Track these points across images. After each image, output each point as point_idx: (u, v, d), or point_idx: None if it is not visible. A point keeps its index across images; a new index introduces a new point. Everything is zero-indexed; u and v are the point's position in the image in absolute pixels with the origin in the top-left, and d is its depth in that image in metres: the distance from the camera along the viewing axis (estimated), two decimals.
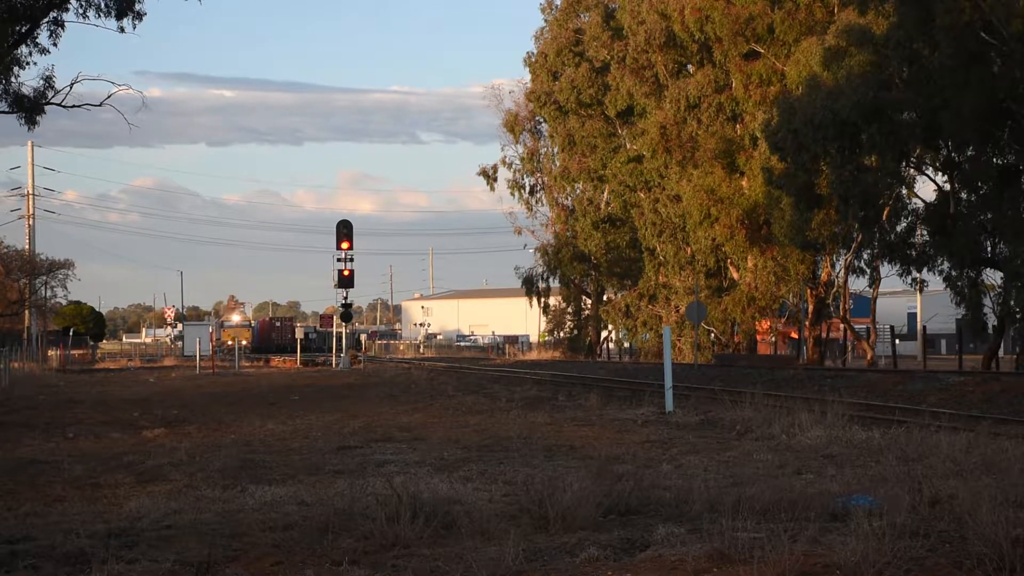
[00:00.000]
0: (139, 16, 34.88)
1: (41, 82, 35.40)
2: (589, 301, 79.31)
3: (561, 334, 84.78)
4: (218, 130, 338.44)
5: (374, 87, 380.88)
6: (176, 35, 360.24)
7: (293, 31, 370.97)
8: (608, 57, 67.33)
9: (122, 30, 34.94)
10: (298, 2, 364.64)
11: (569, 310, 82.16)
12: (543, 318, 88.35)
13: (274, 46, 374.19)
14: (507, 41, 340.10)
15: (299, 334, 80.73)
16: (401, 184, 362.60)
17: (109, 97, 37.29)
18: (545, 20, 77.31)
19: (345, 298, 67.55)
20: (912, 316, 76.07)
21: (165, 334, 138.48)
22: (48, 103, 35.62)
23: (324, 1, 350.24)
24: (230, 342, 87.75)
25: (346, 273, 65.57)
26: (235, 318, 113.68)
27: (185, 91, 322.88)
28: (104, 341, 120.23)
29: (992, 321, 42.13)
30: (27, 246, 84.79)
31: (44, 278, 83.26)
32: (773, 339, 60.68)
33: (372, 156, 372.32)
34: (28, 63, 35.18)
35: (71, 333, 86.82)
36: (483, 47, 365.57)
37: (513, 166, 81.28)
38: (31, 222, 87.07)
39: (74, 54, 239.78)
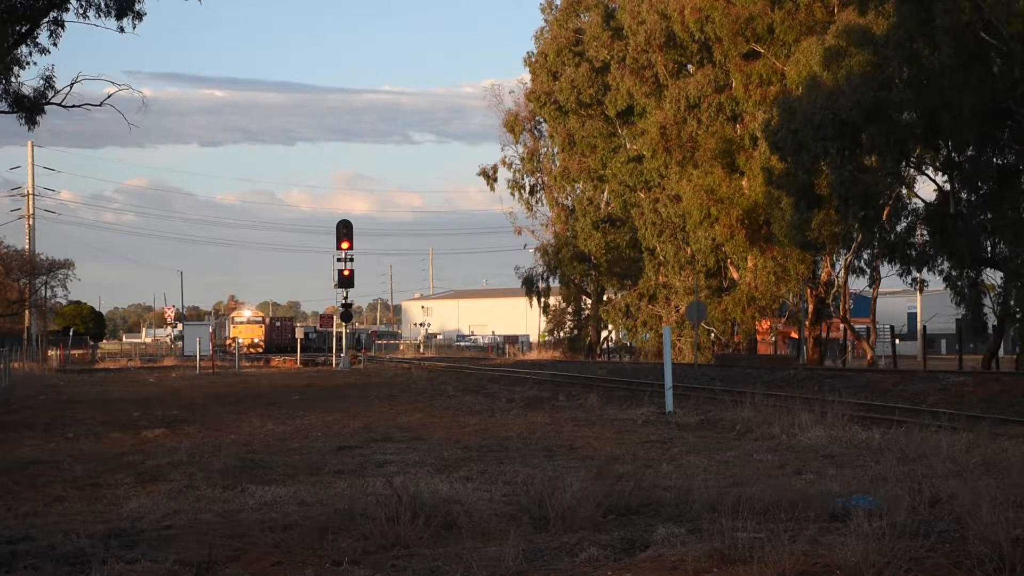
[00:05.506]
0: (139, 16, 34.98)
1: (41, 82, 35.47)
2: (589, 301, 79.35)
3: (561, 334, 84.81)
4: (210, 130, 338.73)
5: (366, 87, 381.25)
6: (166, 35, 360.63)
7: (284, 31, 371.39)
8: (608, 57, 67.35)
9: (122, 30, 35.01)
10: (288, 2, 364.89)
11: (569, 310, 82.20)
12: (543, 318, 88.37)
13: (265, 46, 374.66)
14: (500, 41, 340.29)
15: (299, 334, 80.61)
16: (395, 184, 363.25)
17: (109, 97, 37.39)
18: (545, 20, 77.44)
19: (345, 298, 67.63)
20: (912, 316, 76.05)
21: (165, 334, 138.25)
22: (48, 103, 35.67)
23: (314, 1, 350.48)
24: (241, 340, 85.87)
25: (346, 273, 65.63)
26: (246, 314, 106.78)
27: (176, 91, 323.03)
28: (104, 341, 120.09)
29: (992, 321, 42.13)
30: (27, 246, 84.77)
31: (44, 278, 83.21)
32: (773, 339, 60.70)
33: (366, 156, 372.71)
34: (28, 63, 35.27)
35: (71, 333, 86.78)
36: (476, 47, 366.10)
37: (513, 166, 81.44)
38: (31, 222, 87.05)
39: (64, 53, 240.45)
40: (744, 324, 58.06)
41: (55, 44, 34.97)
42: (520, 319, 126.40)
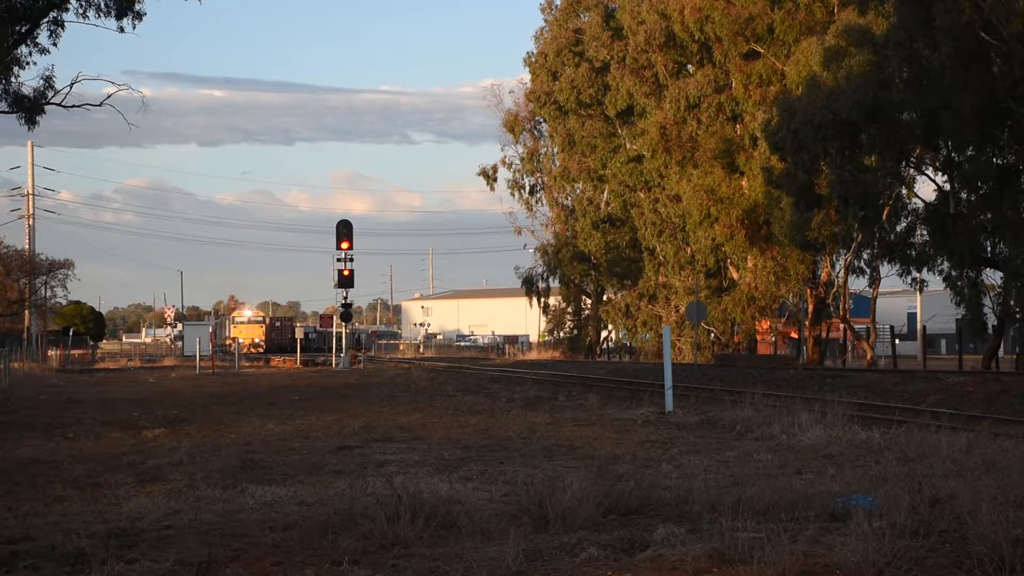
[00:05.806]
0: (139, 16, 35.00)
1: (41, 82, 35.48)
2: (589, 301, 79.36)
3: (561, 334, 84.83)
4: (209, 130, 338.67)
5: (365, 87, 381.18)
6: (166, 35, 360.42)
7: (283, 31, 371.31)
8: (608, 57, 67.38)
9: (122, 30, 35.03)
10: (288, 2, 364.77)
11: (569, 310, 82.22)
12: (543, 318, 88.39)
13: (264, 46, 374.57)
14: (500, 41, 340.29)
15: (299, 334, 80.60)
16: (395, 184, 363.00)
17: (109, 97, 37.41)
18: (545, 20, 77.47)
19: (345, 298, 67.63)
20: (912, 316, 76.08)
21: (165, 334, 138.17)
22: (48, 103, 35.68)
23: (314, 1, 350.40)
24: (241, 340, 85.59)
25: (346, 273, 65.64)
26: (246, 314, 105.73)
27: (175, 91, 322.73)
28: (104, 341, 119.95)
29: (992, 321, 42.12)
30: (27, 246, 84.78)
31: (44, 278, 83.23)
32: (773, 339, 60.69)
33: (365, 156, 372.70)
34: (28, 63, 35.28)
35: (71, 333, 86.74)
36: (476, 47, 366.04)
37: (513, 166, 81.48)
38: (31, 222, 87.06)
39: (64, 53, 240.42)
40: (744, 324, 58.07)
41: (55, 44, 35.02)
42: (520, 319, 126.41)
